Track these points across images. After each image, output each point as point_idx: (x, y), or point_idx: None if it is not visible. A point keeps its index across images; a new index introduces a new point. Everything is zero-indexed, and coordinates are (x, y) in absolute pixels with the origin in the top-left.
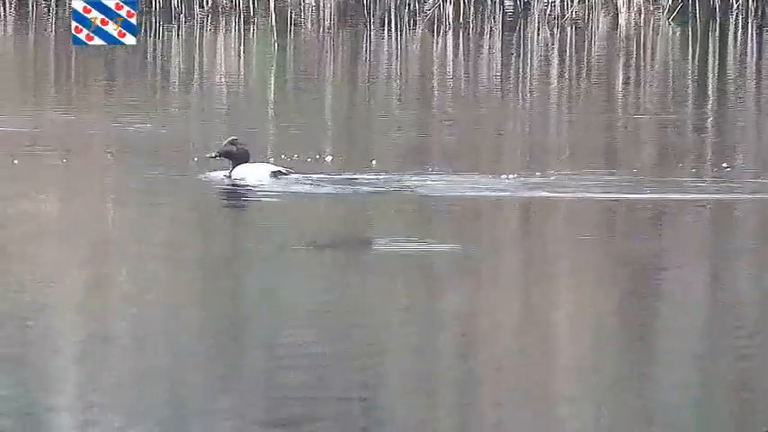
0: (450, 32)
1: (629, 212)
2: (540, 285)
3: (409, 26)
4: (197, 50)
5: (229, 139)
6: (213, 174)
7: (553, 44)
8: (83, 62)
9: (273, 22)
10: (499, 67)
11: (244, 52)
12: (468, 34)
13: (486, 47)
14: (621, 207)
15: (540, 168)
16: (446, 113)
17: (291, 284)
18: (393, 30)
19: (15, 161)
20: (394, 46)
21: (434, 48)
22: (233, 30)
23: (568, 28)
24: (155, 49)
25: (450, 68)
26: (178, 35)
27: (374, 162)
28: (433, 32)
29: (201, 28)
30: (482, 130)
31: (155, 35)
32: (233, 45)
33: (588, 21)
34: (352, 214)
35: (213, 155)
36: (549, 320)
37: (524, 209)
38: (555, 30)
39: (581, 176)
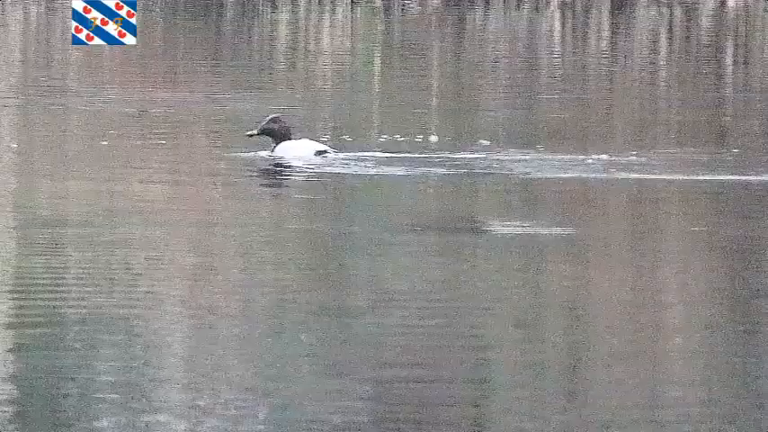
0: (557, 12)
1: (736, 194)
2: (649, 270)
3: (515, 5)
4: (304, 31)
5: (271, 116)
6: (260, 153)
7: (660, 23)
8: (188, 41)
9: (380, 2)
10: (606, 46)
11: (351, 32)
12: (575, 13)
13: (592, 26)
14: (728, 188)
15: (647, 148)
16: (552, 93)
17: (398, 267)
18: (499, 9)
19: (104, 142)
20: (500, 25)
21: (540, 27)
22: (340, 10)
23: (677, 7)
24: (262, 30)
25: (556, 48)
26: (280, 15)
27: (485, 142)
28: (539, 12)
29: (308, 8)
30: (588, 109)
31: (261, 16)
32: (340, 25)
33: (696, 0)
34: (445, 196)
35: (254, 133)
36: (659, 307)
37: (632, 190)
38: (663, 9)
39: (688, 156)
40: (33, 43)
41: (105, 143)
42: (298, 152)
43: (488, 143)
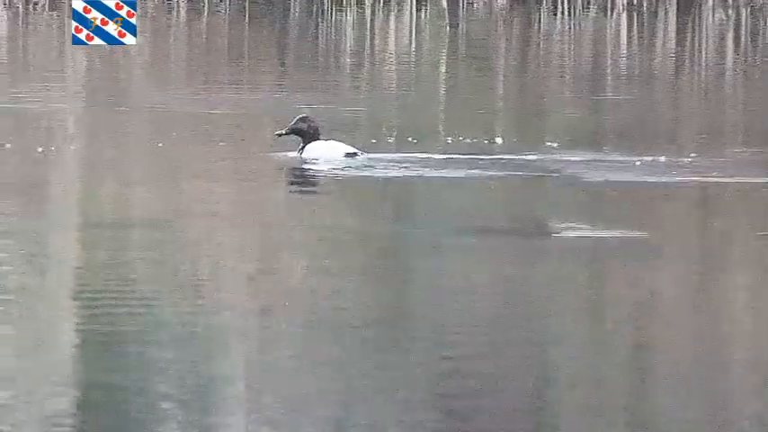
0: (624, 14)
1: None
2: (717, 274)
3: (582, 7)
4: (369, 32)
5: (300, 116)
6: (288, 153)
7: (727, 25)
8: (254, 42)
9: (445, 4)
10: (672, 47)
11: (416, 33)
12: (641, 15)
13: (659, 28)
14: None
15: (714, 150)
16: (618, 95)
17: (461, 270)
18: (566, 11)
19: (160, 144)
20: (566, 27)
21: (607, 29)
22: (405, 11)
23: (743, 9)
24: (327, 31)
25: (622, 49)
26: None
27: (550, 144)
28: (606, 14)
29: (374, 10)
30: (655, 111)
31: (326, 17)
32: (405, 26)
33: (763, 2)
34: (509, 198)
35: (282, 132)
36: (727, 312)
37: (699, 192)
38: (730, 11)
39: (757, 158)
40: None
41: (161, 145)
42: (327, 153)
43: (554, 145)
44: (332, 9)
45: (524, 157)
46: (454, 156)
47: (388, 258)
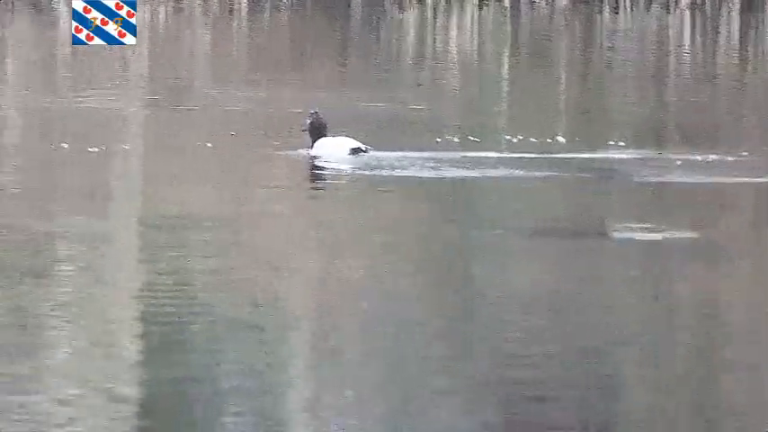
0: (686, 12)
1: None
2: None
3: (644, 5)
4: (431, 30)
5: (310, 111)
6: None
7: None
8: (314, 41)
9: (507, 2)
10: (736, 46)
11: (478, 32)
12: (704, 13)
13: (723, 26)
14: None
15: None
16: (682, 94)
17: (521, 271)
18: (628, 9)
19: (209, 144)
20: (629, 25)
21: (669, 27)
22: (468, 9)
23: None
24: (389, 30)
25: (685, 48)
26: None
27: (612, 143)
28: (669, 12)
29: (435, 8)
30: (718, 111)
31: (388, 16)
32: (467, 25)
33: None
34: (569, 198)
35: (304, 128)
36: None
37: (760, 192)
38: None
39: None
40: (157, 44)
41: (210, 144)
42: (333, 150)
43: (618, 144)
44: (393, 8)
45: (586, 155)
46: (516, 155)
47: (445, 258)
